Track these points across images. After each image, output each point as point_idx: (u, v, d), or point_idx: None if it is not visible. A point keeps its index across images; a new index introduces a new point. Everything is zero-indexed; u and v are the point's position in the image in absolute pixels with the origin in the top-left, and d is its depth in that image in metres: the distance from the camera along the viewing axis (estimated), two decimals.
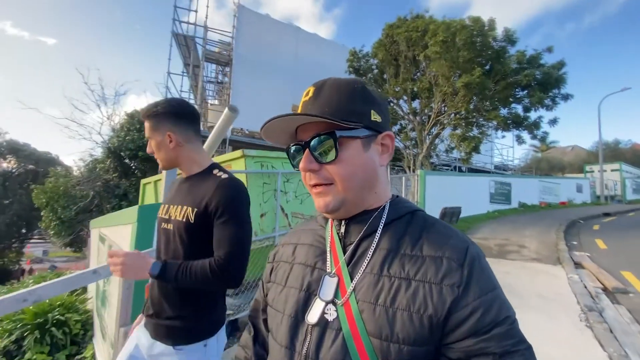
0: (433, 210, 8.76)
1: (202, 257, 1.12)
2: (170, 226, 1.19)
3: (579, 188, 23.32)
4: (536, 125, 11.03)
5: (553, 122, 10.88)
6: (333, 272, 0.58)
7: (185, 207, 1.16)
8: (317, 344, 0.54)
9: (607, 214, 14.16)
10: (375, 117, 0.58)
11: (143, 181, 8.81)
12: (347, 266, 0.57)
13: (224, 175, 1.18)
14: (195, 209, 1.13)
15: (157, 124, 1.20)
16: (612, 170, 29.47)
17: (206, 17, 14.17)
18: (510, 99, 10.68)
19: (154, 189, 7.25)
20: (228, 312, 4.38)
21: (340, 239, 0.61)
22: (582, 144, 45.21)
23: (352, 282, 0.55)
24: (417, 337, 0.49)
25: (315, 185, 0.59)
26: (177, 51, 14.78)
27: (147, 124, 1.21)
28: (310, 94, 0.61)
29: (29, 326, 4.79)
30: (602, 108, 24.71)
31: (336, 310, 0.54)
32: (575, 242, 8.08)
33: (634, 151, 42.06)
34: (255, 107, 13.78)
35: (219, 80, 17.30)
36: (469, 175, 15.52)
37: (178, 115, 1.21)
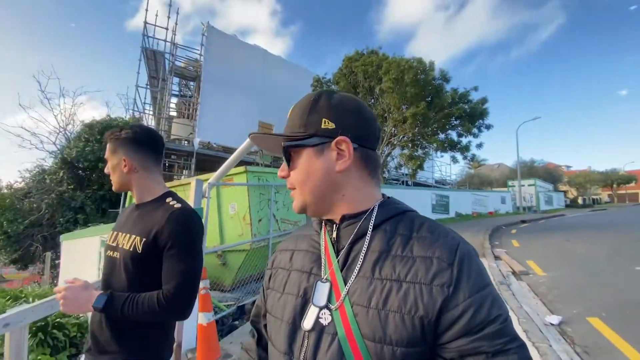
0: None
1: (146, 288, 1.09)
2: (116, 254, 1.16)
3: (503, 200, 27.36)
4: (467, 148, 13.58)
5: (479, 146, 13.57)
6: (325, 277, 0.59)
7: (133, 237, 1.12)
8: (314, 349, 0.55)
9: (523, 221, 17.27)
10: (326, 124, 0.60)
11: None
12: (341, 271, 0.57)
13: (177, 205, 1.16)
14: (144, 239, 1.10)
15: (116, 147, 1.21)
16: (529, 185, 34.79)
17: (174, 34, 14.63)
18: (447, 127, 13.10)
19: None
20: (229, 302, 5.15)
21: (333, 244, 0.61)
22: (507, 162, 52.13)
23: (345, 286, 0.55)
24: (410, 338, 0.49)
25: (290, 189, 0.65)
26: (138, 62, 14.90)
27: (107, 146, 1.23)
28: (288, 115, 0.66)
29: (33, 329, 5.06)
30: (520, 132, 29.25)
31: (330, 315, 0.55)
32: (497, 242, 10.18)
33: (547, 169, 49.64)
34: (222, 123, 14.45)
35: (183, 94, 17.57)
36: (414, 189, 17.72)
37: (139, 142, 1.22)
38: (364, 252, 0.57)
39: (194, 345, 3.45)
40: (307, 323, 0.57)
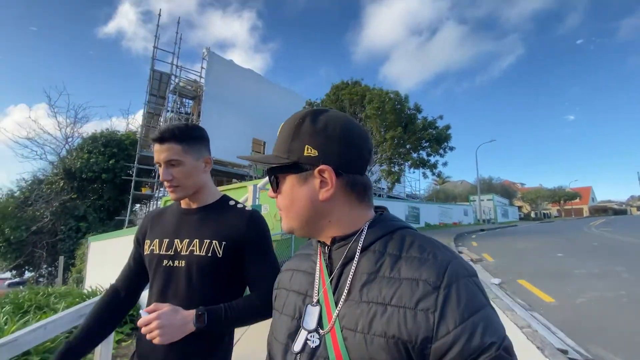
0: None
1: (223, 294, 1.04)
2: (180, 263, 1.05)
3: (465, 212, 30.54)
4: (434, 166, 16.25)
5: (444, 164, 16.43)
6: (316, 300, 0.59)
7: (207, 241, 1.04)
8: None
9: (482, 230, 20.14)
10: (309, 152, 0.58)
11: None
12: (334, 293, 0.57)
13: (248, 208, 1.13)
14: (224, 242, 1.04)
15: (193, 146, 1.08)
16: (488, 200, 38.68)
17: (177, 58, 16.10)
18: (419, 148, 15.66)
19: None
20: None
21: (327, 266, 0.61)
22: (469, 179, 56.91)
23: (337, 309, 0.55)
24: None
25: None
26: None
27: (176, 147, 1.05)
28: (278, 133, 0.65)
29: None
30: (480, 152, 32.93)
31: (319, 339, 0.55)
32: (460, 243, 12.48)
33: (503, 186, 54.81)
34: (220, 138, 15.87)
35: (179, 111, 18.83)
36: (389, 201, 19.97)
37: (208, 141, 1.16)
38: (351, 274, 0.56)
39: None
40: (297, 346, 0.57)
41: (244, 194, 6.75)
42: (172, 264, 1.06)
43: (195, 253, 1.04)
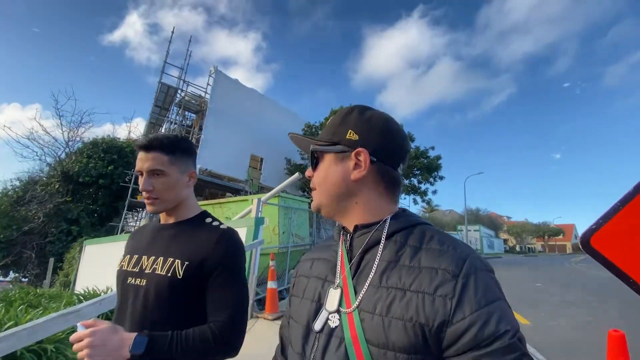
0: None
1: (180, 320, 0.94)
2: (142, 282, 0.98)
3: None
4: (424, 193, 16.95)
5: (434, 192, 17.20)
6: (337, 284, 0.63)
7: (170, 260, 0.97)
8: (323, 350, 0.58)
9: None
10: (351, 135, 0.64)
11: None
12: (353, 278, 0.61)
13: (223, 226, 1.05)
14: (186, 263, 0.96)
15: (180, 159, 1.05)
16: (475, 230, 39.50)
17: (185, 73, 16.78)
18: (410, 176, 16.37)
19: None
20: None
21: (347, 253, 0.65)
22: (457, 209, 57.98)
23: (355, 293, 0.58)
24: (411, 345, 0.50)
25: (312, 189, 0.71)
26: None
27: (163, 157, 1.02)
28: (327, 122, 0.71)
29: None
30: (469, 183, 33.97)
31: (339, 319, 0.58)
32: None
33: (490, 218, 56.01)
34: (219, 153, 16.35)
35: (182, 124, 19.32)
36: None
37: (195, 155, 1.14)
38: (375, 261, 0.60)
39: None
40: (317, 325, 0.61)
41: (246, 207, 7.14)
42: (134, 282, 1.00)
43: (156, 272, 0.97)
